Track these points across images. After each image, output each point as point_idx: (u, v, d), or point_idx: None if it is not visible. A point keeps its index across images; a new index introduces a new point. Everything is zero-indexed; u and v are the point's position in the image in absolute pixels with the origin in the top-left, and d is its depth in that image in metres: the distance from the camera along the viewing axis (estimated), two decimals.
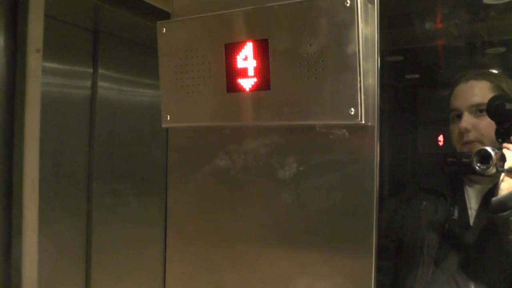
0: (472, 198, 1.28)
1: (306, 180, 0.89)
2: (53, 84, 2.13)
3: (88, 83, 2.35)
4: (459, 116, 1.28)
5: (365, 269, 0.83)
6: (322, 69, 0.82)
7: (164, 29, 1.01)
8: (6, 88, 1.74)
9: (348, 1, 0.80)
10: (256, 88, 0.89)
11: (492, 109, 1.10)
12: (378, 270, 1.35)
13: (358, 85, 0.80)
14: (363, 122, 0.80)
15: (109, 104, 2.47)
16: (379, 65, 0.85)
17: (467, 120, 1.25)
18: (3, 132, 1.75)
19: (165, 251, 1.07)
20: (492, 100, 1.11)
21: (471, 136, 1.24)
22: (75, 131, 2.29)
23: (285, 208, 0.91)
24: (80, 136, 2.32)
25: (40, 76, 1.78)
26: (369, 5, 0.85)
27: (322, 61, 0.82)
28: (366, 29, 0.83)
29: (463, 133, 1.25)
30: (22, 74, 1.73)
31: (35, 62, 1.75)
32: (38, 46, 1.76)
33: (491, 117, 1.11)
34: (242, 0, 0.95)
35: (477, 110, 1.25)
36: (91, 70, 2.36)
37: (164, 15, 1.07)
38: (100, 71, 2.39)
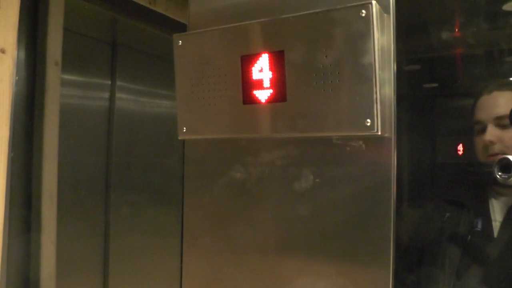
0: (497, 210, 1.25)
1: (322, 192, 0.89)
2: (72, 96, 2.16)
3: (106, 95, 2.38)
4: (483, 129, 1.25)
5: (383, 281, 0.82)
6: (338, 80, 0.82)
7: (180, 41, 1.02)
8: (26, 100, 1.77)
9: (364, 11, 0.80)
10: (272, 100, 0.89)
11: None
12: (400, 282, 1.34)
13: (374, 96, 0.79)
14: (379, 133, 0.80)
15: (127, 115, 2.49)
16: (395, 75, 0.85)
17: (492, 132, 1.23)
18: (22, 145, 1.77)
19: (181, 262, 1.07)
20: None
21: (496, 148, 1.22)
22: (93, 143, 2.32)
23: (301, 220, 0.91)
24: (98, 147, 2.34)
25: (59, 89, 1.81)
26: (385, 15, 0.84)
27: (338, 72, 0.82)
28: (382, 39, 0.82)
29: (488, 146, 1.23)
30: (41, 87, 1.76)
31: (54, 75, 1.78)
32: (57, 60, 1.79)
33: None
34: (258, 12, 0.96)
35: (502, 122, 1.22)
36: (109, 82, 2.39)
37: (181, 27, 1.08)
38: (118, 82, 2.42)
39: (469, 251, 1.22)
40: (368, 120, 0.80)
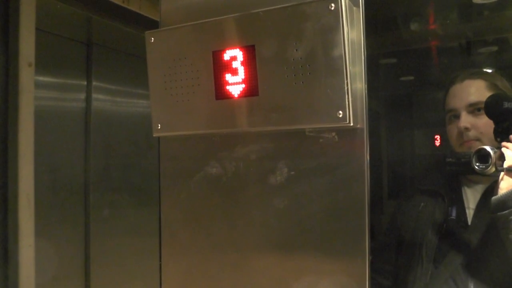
0: (470, 198, 1.28)
1: (297, 184, 0.89)
2: (48, 98, 2.13)
3: (83, 96, 2.35)
4: (457, 117, 1.27)
5: (360, 271, 0.83)
6: (309, 73, 0.82)
7: (153, 38, 1.01)
8: None
9: (333, 5, 0.80)
10: (244, 95, 0.89)
11: (490, 108, 1.10)
12: (378, 272, 1.36)
13: (346, 87, 0.80)
14: (351, 124, 0.80)
15: (104, 116, 2.47)
16: (366, 67, 0.85)
17: (466, 119, 1.25)
18: None
19: (160, 260, 1.07)
20: (490, 99, 1.11)
21: (471, 135, 1.24)
22: (70, 144, 2.29)
23: (278, 213, 0.91)
24: (76, 149, 2.32)
25: (32, 90, 1.78)
26: (354, 8, 0.85)
27: (308, 65, 0.82)
28: (352, 33, 0.83)
29: (462, 132, 1.24)
30: (15, 88, 1.73)
31: (27, 76, 1.75)
32: (30, 60, 1.76)
33: (490, 116, 1.11)
34: (229, 7, 0.96)
35: (475, 109, 1.24)
36: (85, 83, 2.36)
37: (155, 25, 1.07)
38: (94, 83, 2.39)
39: (445, 239, 1.24)
40: (340, 112, 0.80)
